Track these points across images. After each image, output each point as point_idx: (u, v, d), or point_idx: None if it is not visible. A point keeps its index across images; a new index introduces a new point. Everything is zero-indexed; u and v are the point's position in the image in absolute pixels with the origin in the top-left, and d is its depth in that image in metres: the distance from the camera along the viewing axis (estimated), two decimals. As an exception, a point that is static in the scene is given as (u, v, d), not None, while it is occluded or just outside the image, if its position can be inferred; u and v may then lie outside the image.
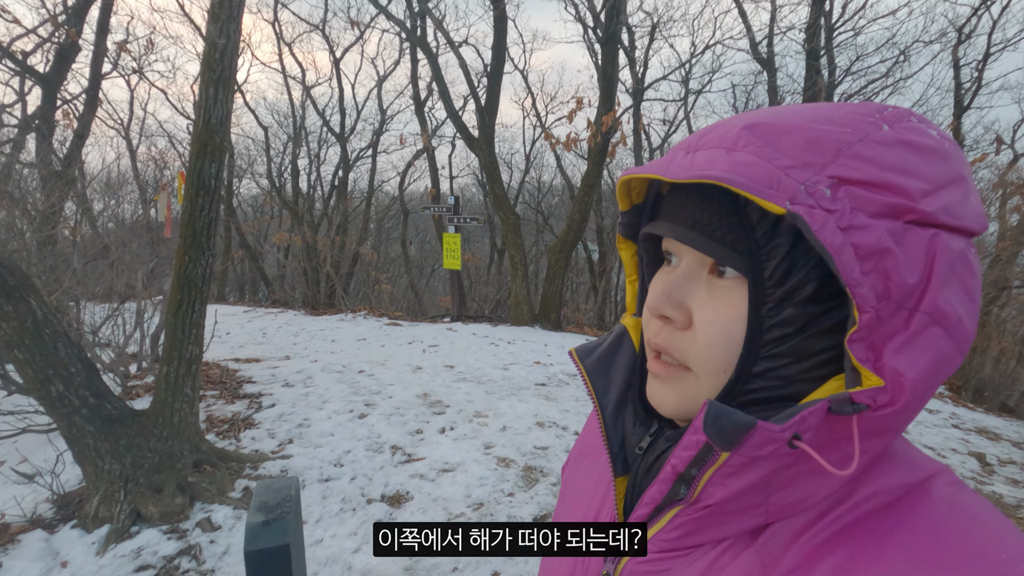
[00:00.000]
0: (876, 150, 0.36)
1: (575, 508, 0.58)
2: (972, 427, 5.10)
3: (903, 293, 0.35)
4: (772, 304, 0.38)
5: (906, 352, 0.35)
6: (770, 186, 0.35)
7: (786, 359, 0.39)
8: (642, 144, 13.42)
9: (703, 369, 0.41)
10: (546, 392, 4.72)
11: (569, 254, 8.58)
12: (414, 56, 11.22)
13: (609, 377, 0.52)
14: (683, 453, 0.40)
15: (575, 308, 13.28)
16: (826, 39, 9.73)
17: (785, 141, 0.37)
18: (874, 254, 0.34)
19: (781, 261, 0.37)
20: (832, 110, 0.39)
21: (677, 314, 0.42)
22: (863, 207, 0.35)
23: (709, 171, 0.37)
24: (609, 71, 7.27)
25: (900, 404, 0.35)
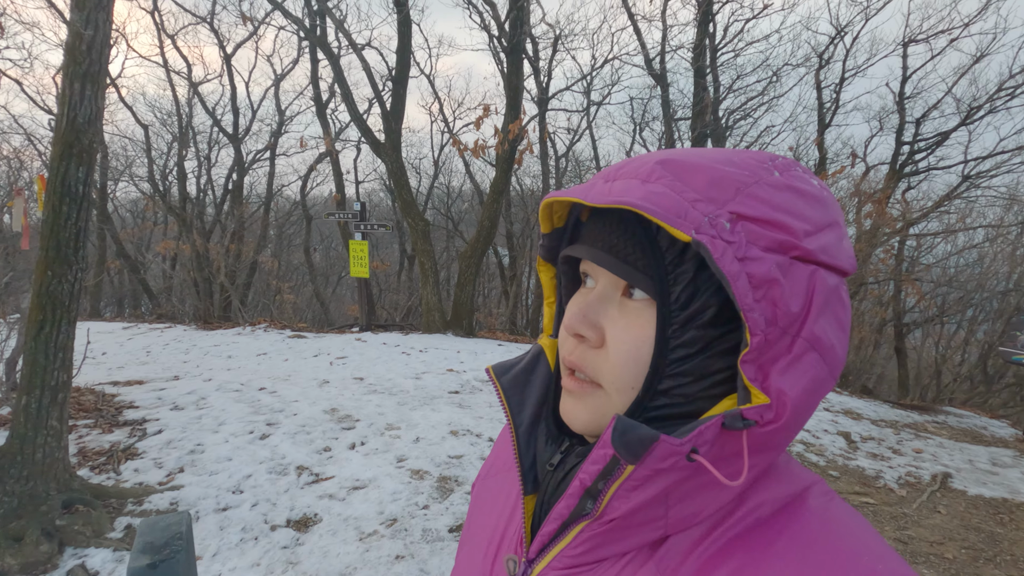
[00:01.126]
0: (769, 192, 0.40)
1: (484, 525, 0.58)
2: (839, 409, 5.74)
3: (788, 320, 0.38)
4: (677, 326, 0.41)
5: (789, 374, 0.38)
6: (678, 215, 0.38)
7: (688, 378, 0.41)
8: (548, 152, 13.81)
9: (613, 386, 0.43)
10: (460, 400, 4.70)
11: (480, 259, 8.62)
12: (314, 56, 10.77)
13: (524, 395, 0.53)
14: (591, 467, 0.42)
15: (487, 313, 13.36)
16: (711, 59, 10.57)
17: (693, 177, 0.40)
18: (764, 283, 0.37)
19: (686, 286, 0.41)
20: (733, 155, 0.43)
21: (591, 333, 0.44)
22: (756, 241, 0.38)
23: (625, 198, 0.40)
24: (515, 80, 7.41)
25: (783, 421, 0.38)
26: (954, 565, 2.84)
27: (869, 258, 9.61)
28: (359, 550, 2.57)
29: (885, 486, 3.79)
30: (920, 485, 3.84)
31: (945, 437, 5.19)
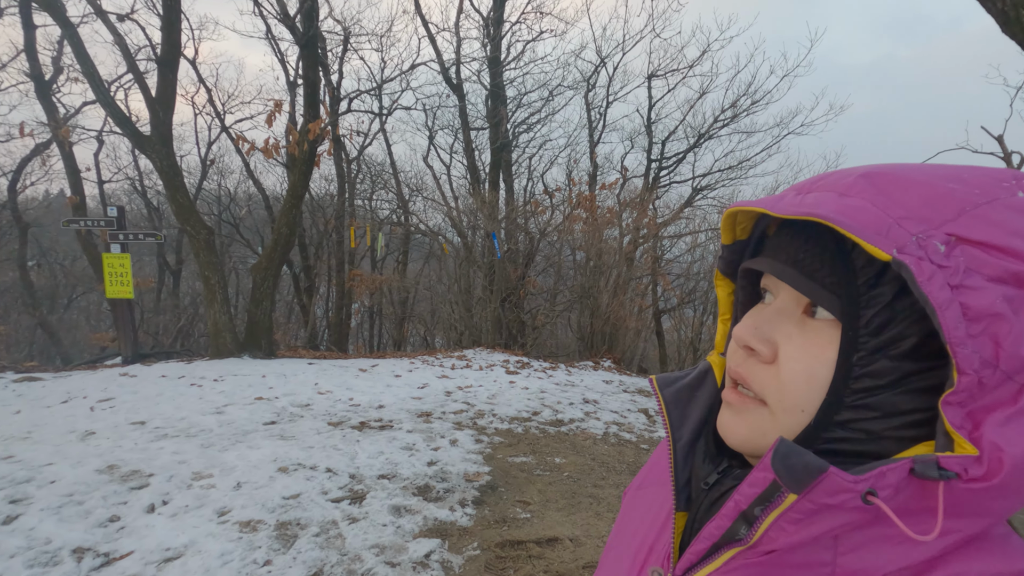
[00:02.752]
0: (1005, 214, 0.35)
1: (632, 537, 0.57)
2: (634, 389, 6.62)
3: (1014, 365, 0.33)
4: (864, 353, 0.37)
5: (1011, 427, 0.33)
6: (879, 232, 0.35)
7: (873, 412, 0.38)
8: (342, 155, 13.11)
9: (780, 405, 0.40)
10: (280, 431, 4.15)
11: (277, 272, 7.77)
12: (28, 20, 8.45)
13: (686, 411, 0.51)
14: (748, 490, 0.39)
15: (284, 332, 12.10)
16: (500, 74, 11.26)
17: (903, 193, 0.37)
18: (984, 317, 0.33)
19: (880, 311, 0.37)
20: (962, 171, 0.38)
21: (762, 346, 0.41)
22: (980, 269, 0.34)
23: (817, 210, 0.36)
24: (312, 76, 6.84)
25: (996, 481, 0.33)
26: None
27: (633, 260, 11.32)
28: (191, 637, 2.07)
29: (682, 450, 4.47)
30: (705, 445, 4.63)
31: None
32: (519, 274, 9.06)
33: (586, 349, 9.06)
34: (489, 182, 10.74)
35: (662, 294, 13.25)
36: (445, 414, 4.86)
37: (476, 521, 3.04)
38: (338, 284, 12.64)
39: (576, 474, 3.80)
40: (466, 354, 7.70)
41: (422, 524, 2.93)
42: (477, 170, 11.42)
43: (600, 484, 3.67)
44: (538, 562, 2.68)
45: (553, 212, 10.22)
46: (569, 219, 9.67)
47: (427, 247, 15.67)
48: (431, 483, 3.43)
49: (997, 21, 2.13)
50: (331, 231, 12.50)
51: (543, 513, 3.20)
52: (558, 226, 9.72)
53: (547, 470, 3.84)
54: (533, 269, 9.99)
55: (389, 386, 5.68)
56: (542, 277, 10.63)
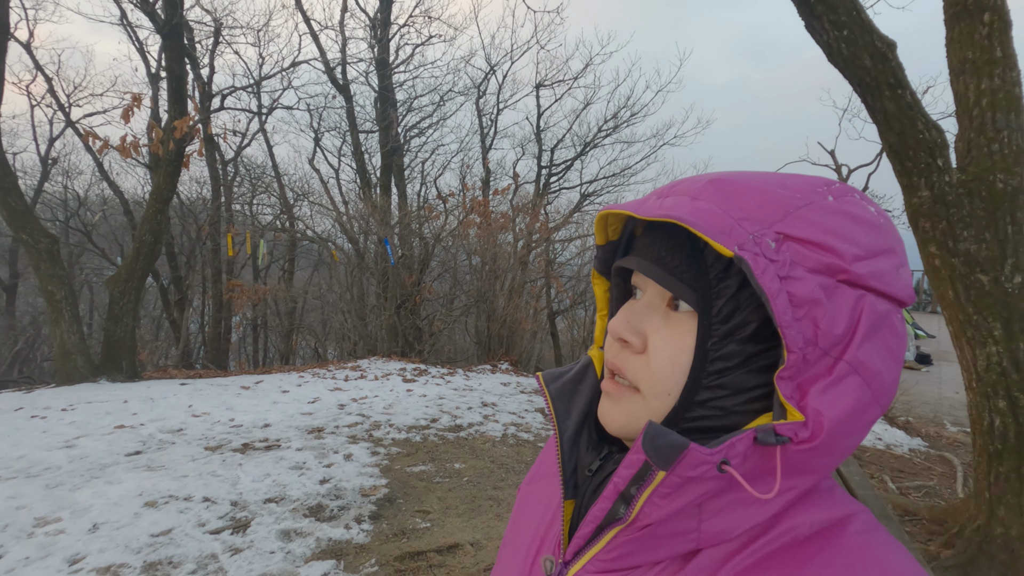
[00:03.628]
0: (819, 215, 0.41)
1: (526, 530, 0.60)
2: (531, 390, 6.77)
3: (829, 342, 0.39)
4: (717, 339, 0.42)
5: (827, 395, 0.39)
6: (723, 231, 0.40)
7: (725, 391, 0.43)
8: (215, 156, 12.09)
9: (651, 391, 0.45)
10: (146, 461, 3.72)
11: (141, 284, 6.98)
12: None
13: (571, 404, 0.54)
14: (624, 471, 0.43)
15: (151, 350, 10.85)
16: (389, 77, 11.02)
17: (742, 197, 0.42)
18: (806, 303, 0.38)
19: (728, 300, 0.42)
20: (787, 178, 0.44)
21: (634, 338, 0.45)
22: (802, 262, 0.39)
23: (673, 212, 0.41)
24: (177, 69, 6.22)
25: (818, 441, 0.38)
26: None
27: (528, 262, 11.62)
28: None
29: (577, 445, 4.64)
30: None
31: (601, 397, 6.67)
32: (414, 280, 8.91)
33: (484, 353, 9.12)
34: (380, 186, 10.45)
35: (555, 296, 13.71)
36: (338, 428, 4.64)
37: (374, 536, 2.94)
38: (214, 296, 11.61)
39: (476, 478, 3.81)
40: (360, 364, 7.43)
41: (315, 546, 2.77)
42: (367, 174, 11.06)
43: (500, 486, 3.71)
44: (439, 571, 2.65)
45: (447, 217, 10.19)
46: (464, 224, 9.69)
47: (316, 254, 14.91)
48: (324, 502, 3.26)
49: (824, 51, 2.47)
50: (205, 238, 11.46)
51: (443, 521, 3.16)
52: (453, 231, 9.70)
53: (447, 476, 3.81)
54: (428, 275, 9.88)
55: (276, 403, 5.32)
56: (438, 283, 10.55)
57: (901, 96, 2.30)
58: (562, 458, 0.52)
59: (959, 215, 2.34)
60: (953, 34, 2.50)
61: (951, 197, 2.35)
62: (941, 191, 2.35)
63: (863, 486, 2.66)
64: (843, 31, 2.29)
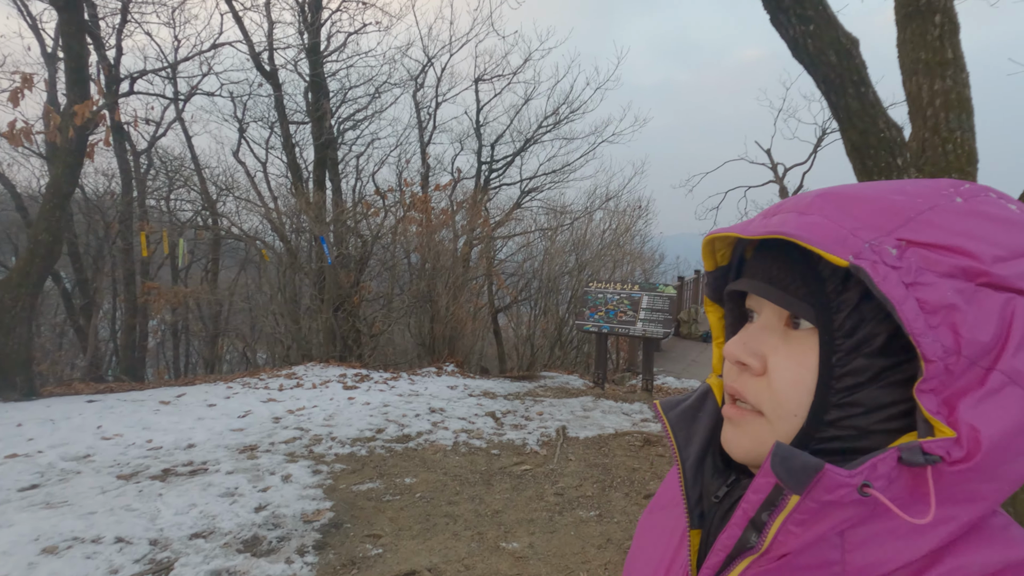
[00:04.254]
0: (946, 217, 0.38)
1: (649, 559, 0.58)
2: (480, 392, 6.58)
3: (975, 350, 0.36)
4: (842, 354, 0.40)
5: (982, 408, 0.35)
6: (836, 242, 0.38)
7: (857, 408, 0.40)
8: (125, 146, 11.01)
9: (775, 413, 0.43)
10: (45, 497, 3.23)
11: (36, 290, 6.19)
12: None
13: (691, 431, 0.53)
14: (753, 496, 0.41)
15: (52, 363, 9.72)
16: (320, 65, 10.43)
17: (855, 207, 0.40)
18: (940, 309, 0.36)
19: (850, 313, 0.40)
20: (907, 184, 0.42)
21: (752, 360, 0.44)
22: (931, 267, 0.37)
23: (782, 228, 0.40)
24: (77, 48, 5.49)
25: (976, 460, 0.35)
26: (595, 500, 3.59)
27: (469, 258, 11.41)
28: None
29: (532, 451, 4.51)
30: (552, 442, 4.73)
31: (551, 397, 6.58)
32: (352, 280, 8.48)
33: (427, 354, 8.83)
34: (314, 181, 9.87)
35: (497, 292, 13.57)
36: (274, 445, 4.26)
37: (320, 570, 2.65)
38: (127, 300, 10.60)
39: (429, 493, 3.58)
40: (296, 371, 6.96)
41: (252, 587, 2.46)
42: (298, 168, 10.41)
43: (455, 500, 3.50)
44: (395, 605, 2.42)
45: (386, 214, 9.78)
46: (403, 221, 9.33)
47: (242, 253, 13.98)
48: (261, 533, 2.93)
49: (788, 46, 2.43)
50: (115, 237, 10.43)
51: (396, 544, 2.92)
52: (392, 228, 9.31)
53: (397, 493, 3.56)
54: (367, 274, 9.45)
55: (201, 419, 4.83)
56: (377, 282, 10.12)
57: (864, 94, 2.29)
58: (685, 486, 0.50)
59: (917, 214, 2.36)
60: (905, 35, 2.53)
61: (909, 196, 2.36)
62: (900, 190, 2.36)
63: None
64: (809, 26, 2.24)
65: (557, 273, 12.78)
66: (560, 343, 11.43)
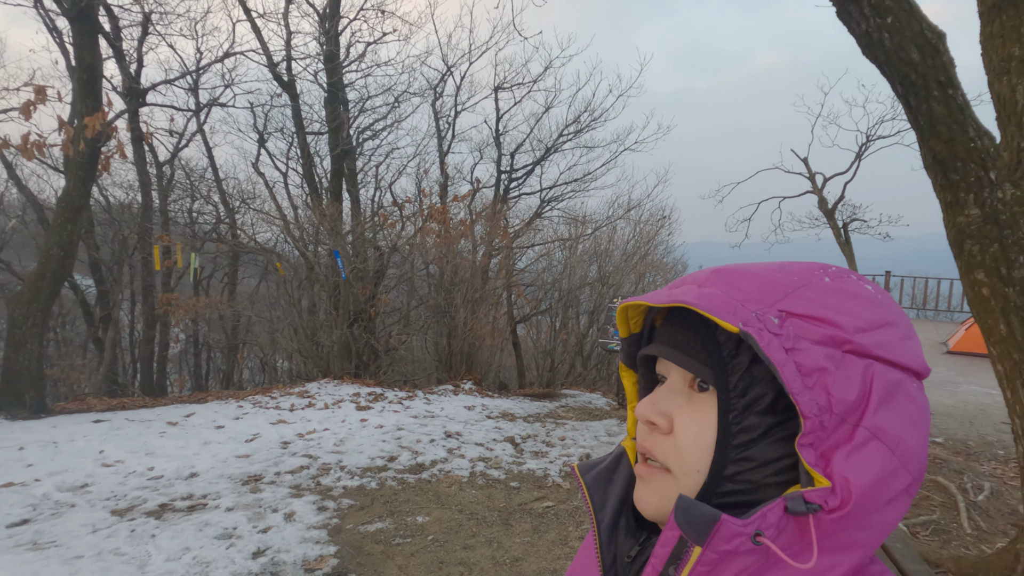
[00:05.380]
0: (817, 293, 0.44)
1: None
2: (498, 413, 6.27)
3: (844, 408, 0.40)
4: (736, 412, 0.44)
5: (851, 460, 0.39)
6: (728, 311, 0.42)
7: (751, 463, 0.43)
8: (146, 158, 11.04)
9: (680, 469, 0.46)
10: (33, 535, 3.01)
11: (48, 305, 6.09)
12: None
13: (607, 493, 0.55)
14: (660, 551, 0.44)
15: (66, 374, 9.69)
16: (339, 76, 10.32)
17: (744, 282, 0.46)
18: (814, 371, 0.40)
19: (742, 375, 0.44)
20: (786, 264, 0.48)
21: (660, 420, 0.48)
22: (806, 335, 0.42)
23: (684, 298, 0.44)
24: (88, 58, 5.40)
25: (849, 508, 0.39)
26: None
27: (487, 269, 11.15)
28: None
29: (554, 483, 4.18)
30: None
31: (573, 419, 6.24)
32: (368, 293, 8.26)
33: (444, 370, 8.56)
34: (331, 192, 9.73)
35: (516, 303, 13.27)
36: (280, 475, 4.01)
37: (318, 634, 2.37)
38: (145, 312, 10.57)
39: (442, 535, 3.28)
40: (309, 389, 6.74)
41: (241, 656, 2.19)
42: (315, 178, 10.29)
43: (470, 544, 3.19)
44: None
45: (404, 225, 9.57)
46: (421, 232, 9.10)
47: (261, 264, 13.94)
48: (257, 585, 2.66)
49: (859, 42, 2.10)
50: (133, 249, 10.41)
51: (405, 601, 2.63)
52: (410, 239, 9.10)
53: (408, 535, 3.26)
54: (384, 287, 9.23)
55: (207, 443, 4.61)
56: (394, 294, 9.91)
57: (952, 97, 1.95)
58: (600, 549, 0.53)
59: (1014, 237, 2.01)
60: (992, 28, 2.18)
61: (1004, 216, 2.01)
62: (993, 209, 2.01)
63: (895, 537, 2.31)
64: (887, 18, 1.91)
65: (578, 285, 12.45)
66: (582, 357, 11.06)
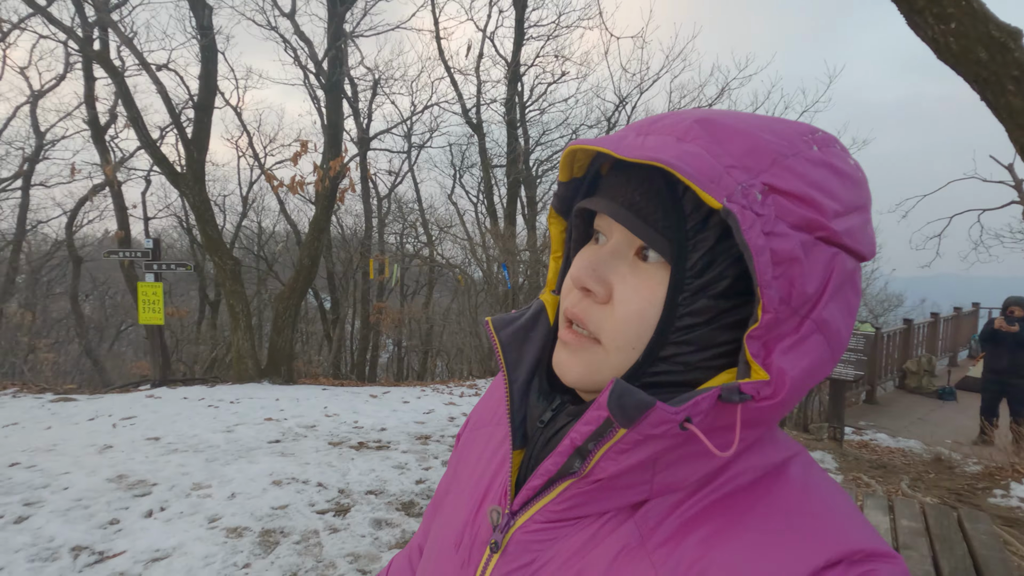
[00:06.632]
0: (805, 166, 0.38)
1: (470, 476, 0.58)
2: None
3: (801, 301, 0.38)
4: (688, 294, 0.40)
5: (792, 353, 0.38)
6: (712, 180, 0.36)
7: (691, 347, 0.41)
8: (370, 192, 13.71)
9: (613, 343, 0.42)
10: (281, 448, 4.33)
11: (299, 302, 8.11)
12: (89, 72, 9.33)
13: (522, 351, 0.51)
14: (583, 428, 0.41)
15: (307, 360, 12.46)
16: (520, 114, 11.70)
17: (731, 141, 0.39)
18: (785, 261, 0.36)
19: (704, 254, 0.39)
20: (773, 123, 0.41)
21: (599, 287, 0.42)
22: (785, 216, 0.37)
23: (660, 154, 0.37)
24: (334, 117, 7.32)
25: (780, 398, 0.38)
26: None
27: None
28: (163, 628, 2.20)
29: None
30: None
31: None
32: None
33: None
34: (505, 216, 11.04)
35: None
36: (443, 437, 4.95)
37: (453, 536, 3.10)
38: (362, 316, 13.01)
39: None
40: (477, 383, 7.80)
41: (400, 537, 3.01)
42: (494, 205, 11.79)
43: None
44: None
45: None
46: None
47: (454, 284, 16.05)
48: (416, 500, 3.51)
49: (930, 48, 2.22)
50: (356, 266, 12.97)
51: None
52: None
53: (535, 493, 3.87)
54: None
55: (395, 411, 5.82)
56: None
57: (1030, 90, 1.98)
58: (511, 407, 0.50)
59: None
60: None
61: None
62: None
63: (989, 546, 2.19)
64: (950, 24, 2.05)
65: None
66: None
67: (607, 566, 0.42)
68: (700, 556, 0.38)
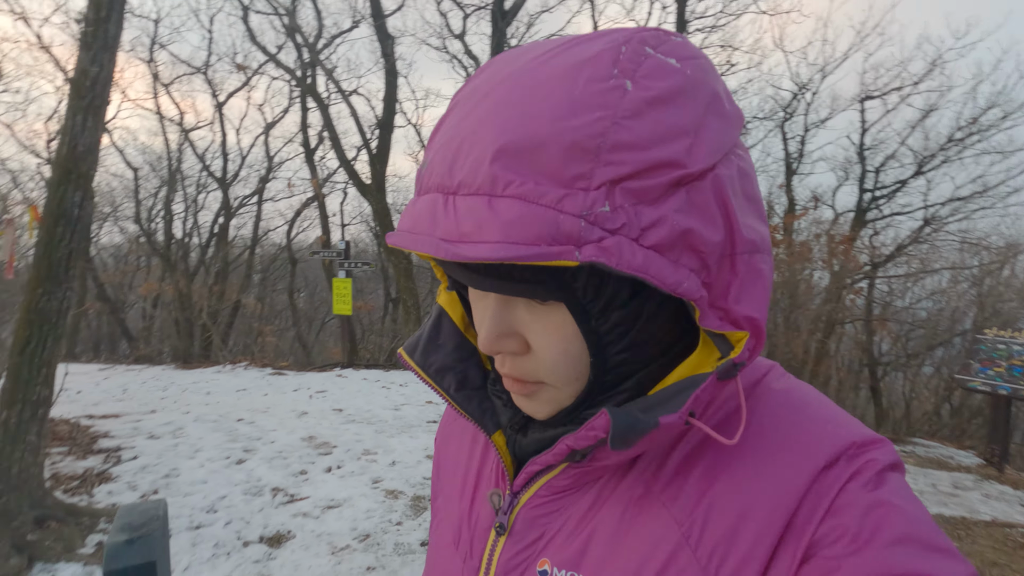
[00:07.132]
0: (631, 130, 0.32)
1: (453, 475, 0.56)
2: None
3: (717, 252, 0.35)
4: (597, 315, 0.37)
5: (745, 294, 0.36)
6: (553, 239, 0.31)
7: (637, 346, 0.39)
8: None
9: (558, 382, 0.41)
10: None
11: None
12: (304, 104, 11.21)
13: (442, 363, 0.49)
14: (580, 443, 0.39)
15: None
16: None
17: (542, 160, 0.32)
18: (674, 240, 0.33)
19: (589, 278, 0.35)
20: (565, 83, 0.33)
21: (511, 346, 0.40)
22: (643, 199, 0.33)
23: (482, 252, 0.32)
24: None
25: (764, 336, 0.36)
26: None
27: (840, 299, 9.93)
28: (331, 563, 2.61)
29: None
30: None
31: (911, 464, 5.32)
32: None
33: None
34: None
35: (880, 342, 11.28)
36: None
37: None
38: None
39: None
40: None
41: (533, 520, 3.15)
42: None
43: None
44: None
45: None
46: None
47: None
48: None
49: None
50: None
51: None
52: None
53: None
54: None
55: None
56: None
57: None
58: (464, 410, 0.48)
59: None
60: None
61: None
62: None
63: None
64: None
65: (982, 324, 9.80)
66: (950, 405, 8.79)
67: (618, 521, 0.41)
68: (706, 489, 0.39)
